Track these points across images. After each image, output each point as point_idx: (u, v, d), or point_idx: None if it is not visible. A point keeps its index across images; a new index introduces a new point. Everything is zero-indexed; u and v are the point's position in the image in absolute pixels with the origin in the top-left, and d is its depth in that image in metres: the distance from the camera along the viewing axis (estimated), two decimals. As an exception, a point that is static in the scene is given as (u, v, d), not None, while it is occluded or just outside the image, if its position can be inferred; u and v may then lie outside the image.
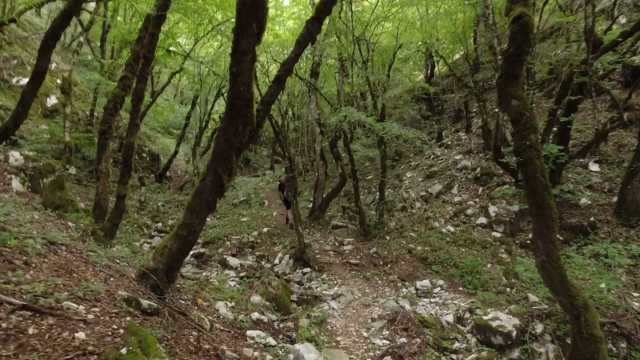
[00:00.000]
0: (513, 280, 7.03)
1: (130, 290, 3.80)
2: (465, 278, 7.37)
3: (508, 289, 6.86)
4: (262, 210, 13.43)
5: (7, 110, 11.98)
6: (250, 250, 10.17)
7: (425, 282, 7.46)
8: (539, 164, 3.30)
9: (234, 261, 8.79)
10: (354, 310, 6.81)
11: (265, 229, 11.41)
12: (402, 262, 8.41)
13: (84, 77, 17.56)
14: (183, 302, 4.78)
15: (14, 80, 14.95)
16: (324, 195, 11.63)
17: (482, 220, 9.10)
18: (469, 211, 9.60)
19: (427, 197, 11.19)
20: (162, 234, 11.78)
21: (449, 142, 13.93)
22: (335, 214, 12.26)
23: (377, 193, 12.91)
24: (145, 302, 3.63)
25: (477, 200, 10.01)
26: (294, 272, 8.74)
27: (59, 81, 16.99)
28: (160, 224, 12.90)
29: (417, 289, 7.39)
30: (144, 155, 20.23)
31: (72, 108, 17.13)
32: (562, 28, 12.13)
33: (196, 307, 4.87)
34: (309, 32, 4.25)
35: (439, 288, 7.33)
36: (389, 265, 8.41)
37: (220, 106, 28.63)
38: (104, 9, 18.13)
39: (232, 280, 7.55)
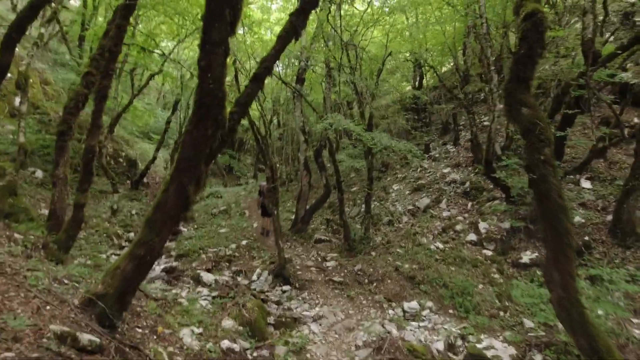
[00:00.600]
0: (507, 303, 6.60)
1: (69, 322, 3.15)
2: (455, 300, 6.90)
3: (502, 313, 6.42)
4: (242, 221, 12.78)
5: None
6: (227, 264, 9.50)
7: (414, 304, 6.96)
8: (555, 182, 2.88)
9: (208, 277, 8.11)
10: (337, 335, 6.23)
11: (244, 242, 10.77)
12: (389, 281, 7.90)
13: (57, 76, 16.69)
14: (140, 330, 4.13)
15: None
16: (307, 207, 11.08)
17: (472, 237, 8.70)
18: (458, 227, 9.21)
19: (414, 211, 10.77)
20: (133, 245, 11.00)
21: (437, 155, 13.64)
22: (319, 227, 11.72)
23: (363, 205, 12.44)
24: (85, 338, 2.99)
25: (466, 215, 9.64)
26: (272, 289, 8.12)
27: (30, 80, 16.10)
28: (132, 234, 12.08)
29: (404, 311, 6.87)
30: (120, 160, 19.29)
31: (44, 109, 16.15)
32: (549, 43, 12.07)
33: (155, 337, 4.22)
34: (293, 27, 3.76)
35: (428, 310, 6.84)
36: (375, 284, 7.89)
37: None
38: (82, 8, 17.38)
39: (204, 300, 6.87)
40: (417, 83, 20.13)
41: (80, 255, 8.77)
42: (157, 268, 8.77)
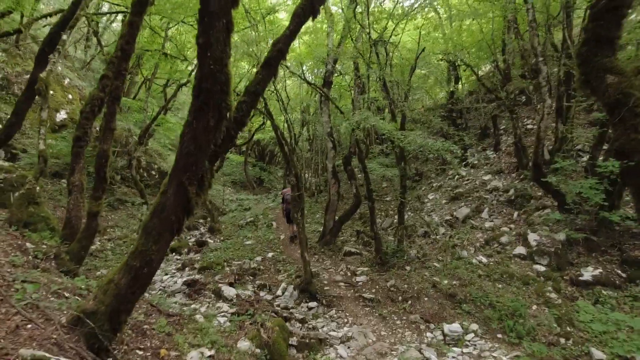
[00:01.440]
0: (568, 329, 5.61)
1: (49, 344, 2.71)
2: (505, 323, 5.97)
3: (563, 340, 5.44)
4: (269, 233, 12.34)
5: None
6: (251, 278, 9.02)
7: (455, 326, 6.10)
8: (659, 171, 2.14)
9: (229, 291, 7.64)
10: (367, 361, 5.51)
11: (270, 254, 10.28)
12: (426, 299, 7.08)
13: (89, 88, 17.19)
14: (140, 353, 3.66)
15: (22, 94, 14.63)
16: (336, 218, 10.46)
17: (521, 250, 7.72)
18: (504, 239, 8.24)
19: (452, 221, 9.87)
20: (160, 257, 10.81)
21: (476, 162, 12.64)
22: (348, 239, 11.03)
23: (396, 216, 11.69)
24: (63, 364, 2.53)
25: (512, 226, 8.65)
26: (298, 306, 7.52)
27: (70, 96, 16.77)
28: (159, 246, 11.96)
29: (444, 334, 6.03)
30: (153, 172, 19.66)
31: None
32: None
33: (158, 360, 3.73)
34: (309, 2, 3.25)
35: (473, 334, 5.96)
36: (410, 302, 7.09)
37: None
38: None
39: (223, 316, 6.38)
40: (452, 87, 19.23)
41: (103, 266, 8.62)
42: (179, 281, 8.43)
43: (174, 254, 11.17)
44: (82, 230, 5.42)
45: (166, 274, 9.10)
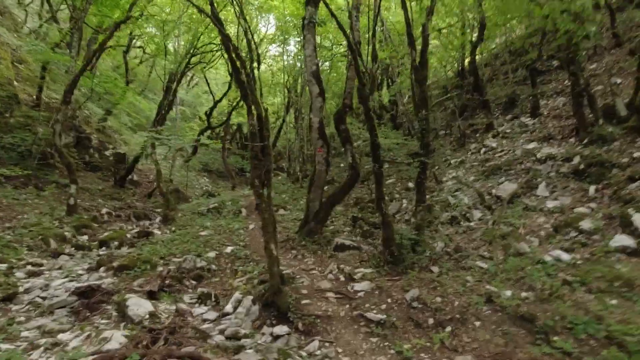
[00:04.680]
0: None
1: None
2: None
3: None
4: (234, 222, 9.21)
5: None
6: (192, 283, 5.91)
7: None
8: None
9: (141, 307, 4.50)
10: None
11: (229, 248, 7.16)
12: (477, 323, 4.04)
13: (29, 48, 13.85)
14: None
15: None
16: (324, 199, 7.37)
17: (623, 240, 4.72)
18: (585, 224, 5.25)
19: (490, 202, 6.87)
20: (81, 251, 7.71)
21: (508, 130, 9.69)
22: (341, 229, 7.96)
23: (404, 200, 8.72)
24: None
25: (592, 205, 5.67)
26: (257, 331, 4.45)
27: (-1, 56, 13.42)
28: (86, 237, 8.82)
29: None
30: (107, 154, 16.35)
31: (11, 89, 13.41)
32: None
33: None
34: None
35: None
36: (450, 329, 4.05)
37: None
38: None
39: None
40: (462, 62, 16.28)
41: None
42: (69, 286, 5.26)
43: (103, 248, 8.02)
44: None
45: (66, 276, 5.93)
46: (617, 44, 9.43)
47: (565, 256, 4.73)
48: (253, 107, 4.94)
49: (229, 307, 4.95)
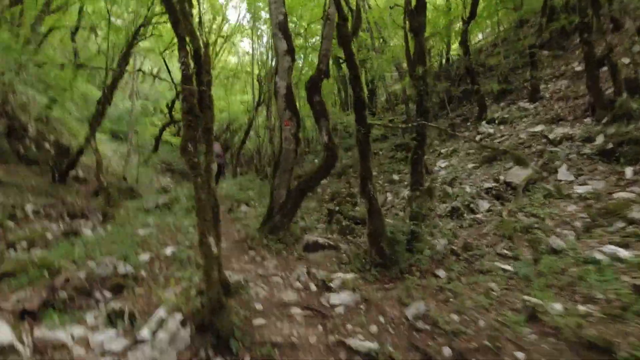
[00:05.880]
0: None
1: None
2: None
3: None
4: (185, 219, 7.51)
5: None
6: (105, 296, 4.20)
7: None
8: None
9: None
10: None
11: (169, 249, 5.46)
12: (520, 355, 2.61)
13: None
14: None
15: None
16: (292, 187, 5.82)
17: (696, 230, 3.45)
18: (635, 213, 3.97)
19: (500, 190, 5.55)
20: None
21: (506, 115, 8.53)
22: (313, 225, 6.43)
23: (388, 194, 7.41)
24: None
25: (635, 190, 4.43)
26: (182, 371, 2.84)
27: None
28: (-11, 240, 6.85)
29: None
30: (47, 146, 14.20)
31: None
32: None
33: None
34: None
35: None
36: (478, 364, 2.60)
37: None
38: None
39: None
40: (448, 51, 15.29)
41: None
42: None
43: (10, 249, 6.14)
44: None
45: None
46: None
47: (624, 253, 3.41)
48: (187, 40, 3.39)
49: (145, 332, 3.31)
